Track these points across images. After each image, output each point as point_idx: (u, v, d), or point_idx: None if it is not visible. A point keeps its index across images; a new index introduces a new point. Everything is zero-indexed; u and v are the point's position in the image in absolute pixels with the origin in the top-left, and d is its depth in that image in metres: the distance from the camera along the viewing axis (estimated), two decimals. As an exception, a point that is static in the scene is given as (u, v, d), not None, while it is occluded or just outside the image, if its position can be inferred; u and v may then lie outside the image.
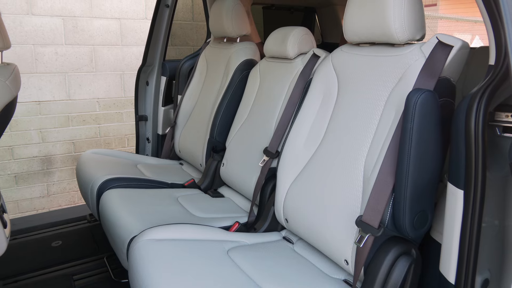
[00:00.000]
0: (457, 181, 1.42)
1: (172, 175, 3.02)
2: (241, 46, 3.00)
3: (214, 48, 3.26)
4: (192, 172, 3.17)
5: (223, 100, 2.89)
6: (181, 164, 3.36)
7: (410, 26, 1.66)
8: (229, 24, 2.97)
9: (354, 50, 1.96)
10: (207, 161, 2.92)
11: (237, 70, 2.90)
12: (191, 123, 3.24)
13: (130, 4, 4.78)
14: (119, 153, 3.31)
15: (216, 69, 3.15)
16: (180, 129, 3.34)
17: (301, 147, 2.04)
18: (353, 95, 1.87)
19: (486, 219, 1.42)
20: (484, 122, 1.34)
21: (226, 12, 2.96)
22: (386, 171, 1.57)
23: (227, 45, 3.12)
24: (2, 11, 2.17)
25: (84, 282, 2.57)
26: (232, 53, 2.99)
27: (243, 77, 2.87)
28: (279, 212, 2.08)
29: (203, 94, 3.21)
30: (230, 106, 2.87)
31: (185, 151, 3.23)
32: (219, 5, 3.02)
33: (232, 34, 3.02)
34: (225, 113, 2.87)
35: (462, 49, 1.59)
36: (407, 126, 1.47)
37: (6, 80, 2.08)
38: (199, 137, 3.04)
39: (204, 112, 3.09)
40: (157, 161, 3.35)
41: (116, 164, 3.00)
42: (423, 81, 1.57)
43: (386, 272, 1.54)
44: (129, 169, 2.97)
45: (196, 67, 3.38)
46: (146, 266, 1.64)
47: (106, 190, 2.53)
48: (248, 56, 2.95)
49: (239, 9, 3.00)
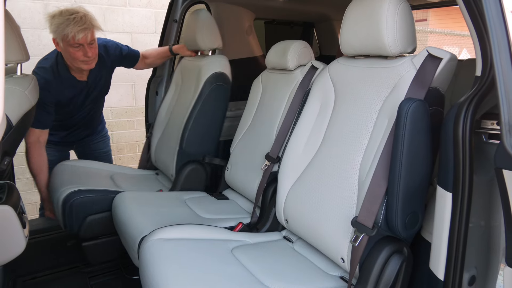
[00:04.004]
0: (446, 184, 1.43)
1: (143, 185, 2.94)
2: (212, 59, 2.90)
3: (188, 61, 3.17)
4: (166, 182, 3.06)
5: (192, 112, 2.79)
6: (157, 174, 3.26)
7: (402, 39, 1.67)
8: (201, 38, 2.91)
9: (350, 62, 1.96)
10: (177, 172, 2.83)
11: (207, 82, 2.79)
12: (165, 134, 3.14)
13: (141, 19, 4.81)
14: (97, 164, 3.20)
15: (188, 81, 3.04)
16: (156, 139, 3.22)
17: (300, 153, 2.05)
18: (349, 104, 1.87)
19: (473, 220, 1.42)
20: (471, 129, 1.35)
21: (198, 26, 2.90)
22: (380, 175, 1.57)
23: (200, 58, 3.03)
24: (21, 26, 2.19)
25: (97, 279, 2.57)
26: (202, 66, 2.88)
27: (212, 89, 2.77)
28: (279, 213, 2.08)
29: (176, 106, 3.12)
30: (200, 118, 2.77)
31: (159, 161, 3.13)
32: (192, 19, 2.97)
33: (203, 47, 2.96)
34: (194, 125, 2.77)
35: (450, 61, 1.60)
36: (399, 133, 1.48)
37: (25, 90, 2.10)
38: (171, 148, 2.92)
39: (176, 124, 2.95)
40: (134, 171, 3.26)
41: (88, 175, 2.89)
42: (414, 91, 1.58)
43: (380, 269, 1.55)
44: (101, 180, 2.86)
45: (172, 79, 3.30)
46: (156, 264, 1.65)
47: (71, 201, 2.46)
48: (218, 69, 2.83)
49: (211, 23, 2.94)
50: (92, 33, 2.67)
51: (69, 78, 2.83)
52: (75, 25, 2.54)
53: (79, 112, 3.06)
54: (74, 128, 3.17)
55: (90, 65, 2.76)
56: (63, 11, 2.59)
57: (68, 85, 2.83)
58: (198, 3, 3.49)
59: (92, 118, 3.25)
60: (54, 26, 2.57)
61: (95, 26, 2.68)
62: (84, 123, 3.20)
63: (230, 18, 3.48)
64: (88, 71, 2.88)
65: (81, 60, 2.68)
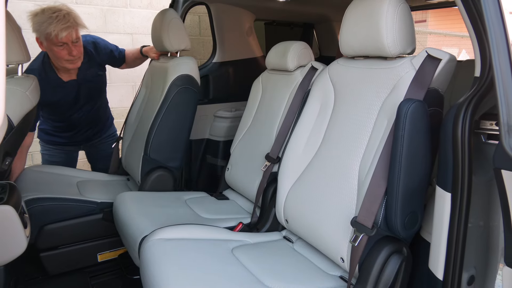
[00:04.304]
0: (445, 185, 1.43)
1: (110, 193, 2.72)
2: (178, 61, 2.75)
3: (157, 62, 3.05)
4: (135, 188, 2.90)
5: (157, 116, 2.63)
6: (128, 180, 3.10)
7: (402, 40, 1.67)
8: (167, 38, 2.77)
9: (350, 63, 1.96)
10: (143, 179, 2.68)
11: (173, 85, 2.64)
12: (134, 139, 2.98)
13: (141, 20, 4.80)
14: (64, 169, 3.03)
15: (156, 84, 2.89)
16: (126, 143, 3.08)
17: (300, 153, 2.05)
18: (349, 105, 1.87)
19: (472, 220, 1.42)
20: (470, 129, 1.35)
21: (163, 26, 2.75)
22: (379, 175, 1.57)
23: (168, 59, 2.88)
24: (22, 27, 2.18)
25: (98, 279, 2.57)
26: (169, 67, 2.75)
27: (178, 92, 2.62)
28: (279, 213, 2.08)
29: (145, 110, 2.97)
30: (166, 123, 2.62)
31: (129, 167, 2.98)
32: (158, 19, 2.83)
33: (170, 48, 2.81)
34: (160, 130, 2.62)
35: (449, 62, 1.60)
36: (398, 133, 1.48)
37: (26, 91, 2.10)
38: (137, 154, 2.76)
39: (144, 128, 2.77)
40: (104, 177, 3.10)
41: (52, 182, 2.74)
42: (414, 92, 1.58)
43: (379, 269, 1.55)
44: (62, 187, 2.69)
45: (142, 81, 3.18)
46: (157, 263, 1.65)
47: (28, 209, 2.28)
48: (184, 71, 2.67)
49: (177, 23, 2.80)
50: (76, 31, 2.62)
51: (56, 77, 2.80)
52: (58, 23, 2.49)
53: (77, 111, 3.02)
54: (78, 127, 3.15)
55: (76, 64, 2.72)
56: (45, 9, 2.54)
57: (56, 85, 2.80)
58: (198, 4, 3.49)
59: (95, 116, 3.20)
60: (36, 24, 2.52)
61: (79, 24, 2.63)
62: (87, 122, 3.17)
63: (230, 19, 3.48)
64: (76, 69, 2.84)
65: (65, 59, 2.64)
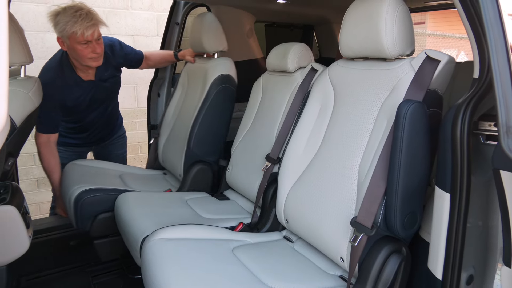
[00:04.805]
0: (444, 185, 1.42)
1: (151, 185, 2.95)
2: (218, 61, 2.91)
3: (194, 63, 3.20)
4: (173, 181, 3.08)
5: (199, 113, 2.81)
6: (165, 174, 3.27)
7: (401, 42, 1.67)
8: (207, 40, 2.92)
9: (349, 64, 1.96)
10: (185, 172, 2.85)
11: (213, 84, 2.81)
12: (172, 135, 3.15)
13: (143, 22, 4.81)
14: (106, 164, 3.21)
15: (195, 83, 3.06)
16: (163, 140, 3.24)
17: (300, 154, 2.05)
18: (348, 106, 1.87)
19: (471, 220, 1.42)
20: (469, 130, 1.35)
21: (204, 29, 2.90)
22: (379, 175, 1.57)
23: (206, 60, 3.04)
24: (25, 29, 2.18)
25: (100, 278, 2.57)
26: (209, 68, 2.90)
27: (219, 91, 2.79)
28: (280, 214, 2.08)
29: (183, 107, 3.14)
30: (207, 119, 2.79)
31: (167, 162, 3.15)
32: (198, 22, 2.97)
33: (209, 50, 2.96)
34: (202, 126, 2.79)
35: (448, 64, 1.60)
36: (398, 134, 1.48)
37: (29, 92, 2.10)
38: (179, 149, 2.94)
39: (184, 125, 2.98)
40: (142, 171, 3.26)
41: (98, 174, 2.91)
42: (413, 93, 1.58)
43: (379, 269, 1.55)
44: (110, 179, 2.88)
45: (179, 81, 3.30)
46: (158, 263, 1.65)
47: (82, 200, 2.48)
48: (224, 71, 2.85)
49: (217, 26, 2.94)
50: (98, 29, 2.65)
51: (75, 77, 2.81)
52: (83, 21, 2.52)
53: (93, 112, 3.04)
54: (92, 129, 3.16)
55: (98, 62, 2.74)
56: (66, 8, 2.55)
57: (74, 85, 2.81)
58: (199, 6, 3.50)
59: (108, 117, 3.24)
60: (62, 24, 2.53)
61: (101, 22, 2.66)
62: (101, 123, 3.19)
63: (231, 21, 3.48)
64: (95, 70, 2.86)
65: (89, 57, 2.66)
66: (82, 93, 2.88)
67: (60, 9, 2.57)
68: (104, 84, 2.99)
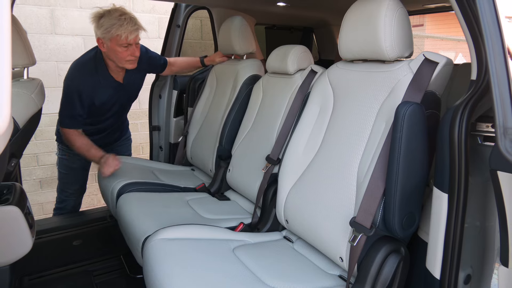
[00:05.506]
0: (442, 186, 1.42)
1: (184, 180, 3.01)
2: (248, 62, 3.00)
3: (223, 64, 3.26)
4: (202, 177, 3.16)
5: (231, 111, 2.88)
6: (193, 170, 3.35)
7: (399, 44, 1.67)
8: (237, 42, 2.97)
9: (348, 66, 1.96)
10: (216, 167, 2.92)
11: (244, 84, 2.90)
12: (201, 133, 3.22)
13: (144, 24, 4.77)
14: (136, 160, 3.29)
15: (224, 83, 3.14)
16: (192, 137, 3.31)
17: (300, 155, 2.05)
18: (348, 107, 1.88)
19: (469, 220, 1.42)
20: (467, 132, 1.35)
21: (234, 32, 2.96)
22: (378, 176, 1.57)
23: (235, 61, 3.13)
24: (28, 31, 2.19)
25: (102, 278, 2.57)
26: (239, 69, 2.98)
27: (249, 90, 2.86)
28: (280, 214, 2.08)
29: (212, 106, 3.20)
30: (237, 117, 2.86)
31: (196, 158, 3.23)
32: (228, 25, 3.02)
33: (239, 51, 3.02)
34: (233, 123, 2.86)
35: (446, 66, 1.60)
36: (396, 135, 1.48)
37: (32, 93, 2.10)
38: (209, 145, 3.03)
39: (214, 122, 3.08)
40: (171, 167, 3.35)
41: (134, 169, 3.00)
42: (411, 95, 1.58)
43: (378, 268, 1.55)
44: (146, 174, 2.98)
45: (206, 82, 3.35)
46: (159, 263, 1.65)
47: (125, 193, 2.54)
48: (254, 72, 2.94)
49: (246, 29, 3.00)
50: (139, 33, 2.71)
51: (108, 77, 2.85)
52: (128, 25, 2.58)
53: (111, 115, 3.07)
54: (106, 132, 3.18)
55: (134, 65, 2.80)
56: (111, 11, 2.60)
57: (106, 84, 2.84)
58: (200, 8, 3.50)
59: (122, 120, 3.30)
60: (107, 26, 2.57)
61: (142, 27, 2.73)
62: (115, 127, 3.23)
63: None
64: (124, 72, 2.90)
65: (127, 60, 2.71)
66: (111, 94, 2.91)
67: (104, 12, 2.61)
68: (129, 88, 3.03)
